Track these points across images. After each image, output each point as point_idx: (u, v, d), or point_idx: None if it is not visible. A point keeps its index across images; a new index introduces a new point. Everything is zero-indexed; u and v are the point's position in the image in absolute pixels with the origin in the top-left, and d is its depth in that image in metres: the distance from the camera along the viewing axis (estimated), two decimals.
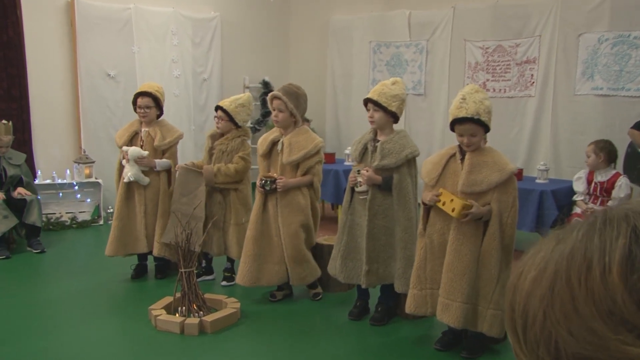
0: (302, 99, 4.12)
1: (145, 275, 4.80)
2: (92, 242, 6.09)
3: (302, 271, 4.11)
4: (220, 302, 4.00)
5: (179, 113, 7.49)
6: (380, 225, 3.70)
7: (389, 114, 3.65)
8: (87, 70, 6.72)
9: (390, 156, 3.61)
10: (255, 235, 4.11)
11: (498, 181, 3.13)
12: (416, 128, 7.54)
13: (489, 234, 3.14)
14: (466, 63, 6.98)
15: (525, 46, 6.48)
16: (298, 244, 4.08)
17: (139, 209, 4.58)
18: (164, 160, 4.61)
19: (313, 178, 4.09)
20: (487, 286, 3.16)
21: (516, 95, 6.60)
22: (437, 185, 3.29)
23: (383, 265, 3.74)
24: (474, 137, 3.15)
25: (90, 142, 6.78)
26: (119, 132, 4.75)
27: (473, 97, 3.12)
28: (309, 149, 4.03)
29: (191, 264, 3.83)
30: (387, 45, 7.78)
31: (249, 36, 8.47)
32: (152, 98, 4.57)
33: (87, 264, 5.19)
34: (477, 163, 3.17)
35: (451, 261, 3.18)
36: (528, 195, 4.94)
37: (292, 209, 4.06)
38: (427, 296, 3.32)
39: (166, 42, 7.39)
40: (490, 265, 3.15)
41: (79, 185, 6.51)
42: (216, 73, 8.02)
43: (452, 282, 3.15)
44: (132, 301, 4.30)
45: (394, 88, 3.67)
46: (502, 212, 3.14)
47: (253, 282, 4.11)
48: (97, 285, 4.57)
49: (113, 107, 6.91)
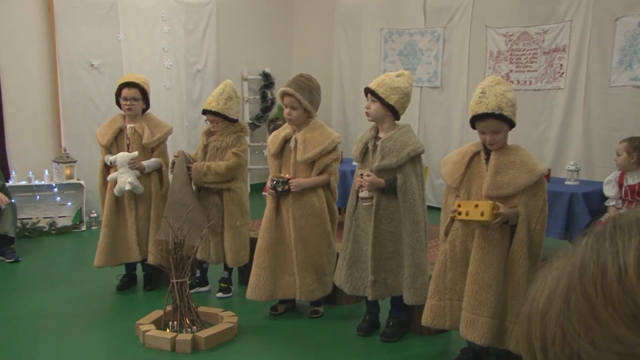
0: (316, 92, 4.12)
1: (133, 287, 4.81)
2: (74, 250, 6.10)
3: (311, 283, 4.07)
4: (215, 316, 4.00)
5: (170, 108, 7.52)
6: (386, 231, 3.71)
7: (386, 107, 3.66)
8: (68, 60, 6.75)
9: (390, 155, 3.62)
10: (269, 245, 4.09)
11: (527, 183, 3.12)
12: (431, 124, 7.55)
13: (517, 241, 3.13)
14: (487, 52, 6.98)
15: (553, 33, 6.48)
16: (310, 251, 4.06)
17: (129, 213, 4.58)
18: (152, 160, 4.61)
19: (330, 177, 4.08)
20: (514, 298, 3.15)
21: (543, 87, 6.59)
22: (462, 187, 3.28)
23: (392, 275, 3.74)
24: (497, 135, 3.15)
25: (72, 140, 6.80)
26: (101, 129, 4.73)
27: (494, 90, 3.12)
28: (325, 145, 4.02)
29: (184, 273, 3.83)
30: (399, 33, 7.78)
31: (248, 23, 8.49)
32: (139, 89, 4.58)
33: (67, 274, 5.20)
34: (504, 163, 3.17)
35: (476, 271, 3.16)
36: (557, 199, 4.93)
37: (306, 212, 4.05)
38: (446, 308, 3.31)
39: (156, 29, 7.42)
40: (518, 276, 3.14)
41: (58, 187, 6.53)
42: (211, 64, 8.04)
43: (478, 295, 3.14)
44: (118, 315, 4.30)
45: (397, 80, 3.68)
46: (530, 217, 3.13)
47: (270, 295, 4.09)
48: (79, 298, 4.58)
49: (97, 101, 6.94)
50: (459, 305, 3.25)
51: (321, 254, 4.09)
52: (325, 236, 4.10)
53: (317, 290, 4.11)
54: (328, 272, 4.12)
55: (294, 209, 4.05)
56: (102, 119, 6.62)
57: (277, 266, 4.10)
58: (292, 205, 4.05)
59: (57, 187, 6.53)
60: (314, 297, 4.14)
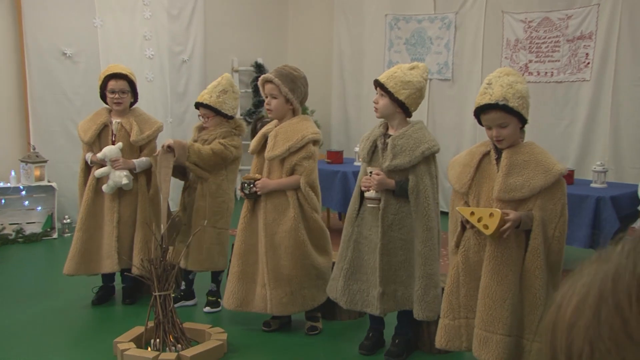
0: (300, 82, 4.13)
1: (111, 300, 4.79)
2: (44, 259, 6.09)
3: (283, 296, 4.07)
4: (202, 333, 4.00)
5: (152, 102, 7.51)
6: (397, 238, 3.70)
7: (395, 103, 3.66)
8: (37, 48, 6.73)
9: (403, 154, 3.62)
10: (241, 250, 4.13)
11: (543, 185, 3.10)
12: (441, 121, 7.56)
13: (532, 250, 3.12)
14: (504, 40, 6.99)
15: (578, 18, 6.49)
16: (282, 260, 4.06)
17: (109, 217, 4.56)
18: (143, 159, 4.62)
19: (300, 179, 4.07)
20: (531, 313, 3.15)
21: (567, 79, 6.60)
22: (471, 192, 3.27)
23: (402, 287, 3.73)
24: (504, 129, 3.14)
25: (42, 137, 6.79)
26: (83, 123, 4.72)
27: (501, 80, 3.12)
28: (293, 141, 4.02)
29: (167, 285, 3.83)
30: (406, 20, 7.80)
31: (239, 8, 8.50)
32: (128, 81, 4.59)
33: (36, 287, 5.18)
34: (516, 163, 3.16)
35: (488, 284, 3.16)
36: (581, 203, 4.93)
37: (278, 216, 4.06)
38: (462, 327, 3.30)
39: (136, 14, 7.41)
40: (535, 288, 3.13)
41: (27, 190, 6.52)
42: (198, 53, 8.05)
43: (491, 310, 3.14)
44: (93, 332, 4.29)
45: (410, 74, 3.68)
46: (547, 222, 3.11)
47: (237, 305, 4.14)
48: (50, 314, 4.56)
49: (71, 94, 6.93)
50: (475, 323, 3.25)
51: (295, 265, 4.06)
52: (299, 246, 4.06)
53: (290, 304, 4.09)
54: (307, 286, 4.11)
55: (266, 212, 4.07)
56: (76, 114, 6.64)
57: (248, 275, 4.13)
58: (264, 207, 4.07)
59: (25, 190, 6.52)
60: (287, 312, 4.16)
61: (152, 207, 4.63)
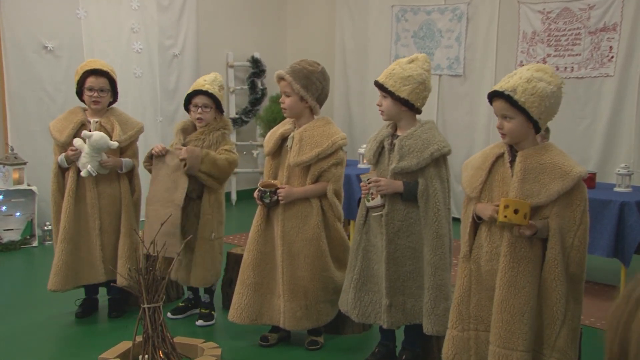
0: (316, 78, 4.13)
1: (95, 313, 4.80)
2: (23, 270, 6.09)
3: (297, 309, 4.08)
4: (194, 348, 3.99)
5: (141, 100, 7.53)
6: (404, 247, 3.71)
7: (399, 102, 3.67)
8: (15, 41, 6.75)
9: (410, 155, 3.63)
10: (256, 259, 4.13)
11: (560, 190, 3.09)
12: (452, 119, 7.57)
13: (549, 259, 3.12)
14: (520, 33, 7.00)
15: (601, 8, 6.51)
16: (299, 271, 4.08)
17: (92, 224, 4.56)
18: (128, 160, 4.64)
19: (327, 186, 4.09)
20: (549, 327, 3.15)
21: (588, 74, 6.61)
22: (483, 196, 3.28)
23: (411, 299, 3.74)
24: (507, 122, 3.13)
25: (21, 137, 6.81)
26: (56, 123, 4.65)
27: (526, 74, 3.10)
28: (323, 146, 4.04)
29: (157, 297, 3.83)
30: (414, 11, 7.81)
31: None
32: (108, 79, 4.59)
33: (15, 300, 5.18)
34: (532, 167, 3.15)
35: (505, 297, 3.15)
36: (604, 209, 4.93)
37: (297, 223, 4.07)
38: (471, 339, 3.31)
39: (123, 5, 7.44)
40: (552, 301, 3.13)
41: (4, 194, 6.53)
42: (190, 47, 8.07)
43: (509, 325, 3.13)
44: (77, 348, 4.28)
45: (410, 67, 3.68)
46: (565, 231, 3.11)
47: (252, 319, 4.13)
48: (30, 328, 4.56)
49: (52, 91, 6.95)
50: (486, 336, 3.24)
51: (313, 276, 4.09)
52: (319, 256, 4.10)
53: (304, 318, 4.10)
54: (322, 300, 4.13)
55: (284, 219, 4.07)
56: (57, 112, 6.59)
57: (264, 285, 4.13)
58: (282, 214, 4.07)
59: (3, 194, 6.53)
60: (301, 327, 4.15)
61: (136, 213, 4.64)
